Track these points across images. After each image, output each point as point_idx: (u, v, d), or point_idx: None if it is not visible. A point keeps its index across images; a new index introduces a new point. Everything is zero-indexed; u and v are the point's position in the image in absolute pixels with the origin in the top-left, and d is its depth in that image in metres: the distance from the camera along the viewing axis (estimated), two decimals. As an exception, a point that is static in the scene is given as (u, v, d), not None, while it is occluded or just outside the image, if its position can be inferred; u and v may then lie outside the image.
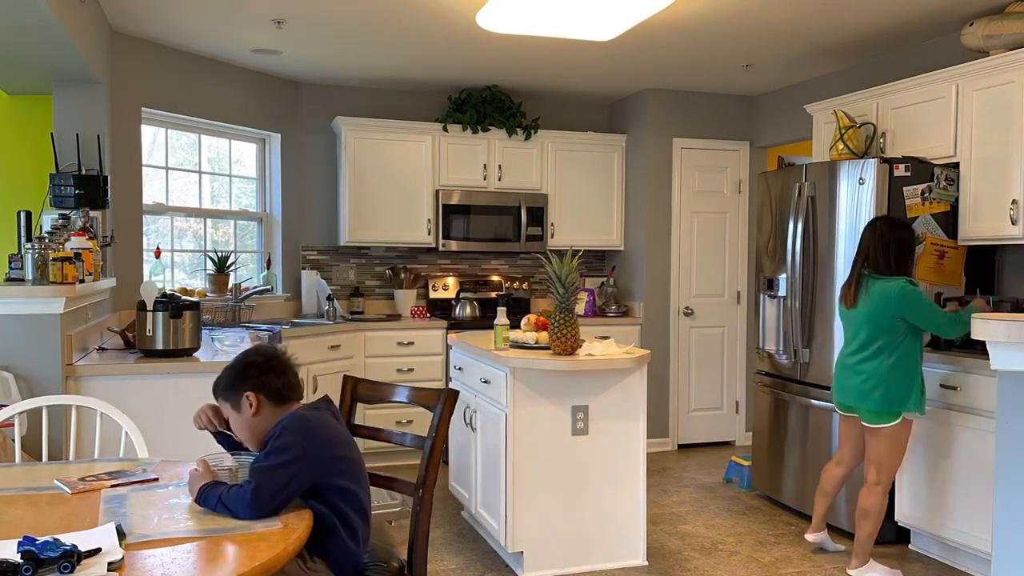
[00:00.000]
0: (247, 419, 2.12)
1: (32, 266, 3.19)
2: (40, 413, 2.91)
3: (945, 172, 4.03)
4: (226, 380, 2.16)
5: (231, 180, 5.69)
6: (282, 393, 2.16)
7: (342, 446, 2.11)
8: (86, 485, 2.08)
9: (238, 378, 2.14)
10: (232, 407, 2.15)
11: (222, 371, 2.19)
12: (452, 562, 3.81)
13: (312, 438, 2.01)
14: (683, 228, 6.03)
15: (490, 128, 5.87)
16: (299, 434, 1.99)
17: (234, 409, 2.14)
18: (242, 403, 2.12)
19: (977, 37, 3.93)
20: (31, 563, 1.47)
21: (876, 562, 3.64)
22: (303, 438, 1.99)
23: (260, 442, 2.11)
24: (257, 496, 1.85)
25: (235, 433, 2.18)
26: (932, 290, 4.05)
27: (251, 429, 2.13)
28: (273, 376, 2.15)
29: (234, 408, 2.14)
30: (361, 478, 2.16)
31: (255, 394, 2.12)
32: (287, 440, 1.97)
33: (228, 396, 2.15)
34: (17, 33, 3.40)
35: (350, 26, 4.46)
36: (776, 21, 4.31)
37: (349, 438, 2.18)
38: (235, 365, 2.18)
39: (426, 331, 5.52)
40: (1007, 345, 1.77)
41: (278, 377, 2.16)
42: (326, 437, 2.06)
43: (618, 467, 3.72)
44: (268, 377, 2.14)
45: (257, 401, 2.11)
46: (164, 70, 4.88)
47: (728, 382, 6.20)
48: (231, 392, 2.14)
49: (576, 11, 3.80)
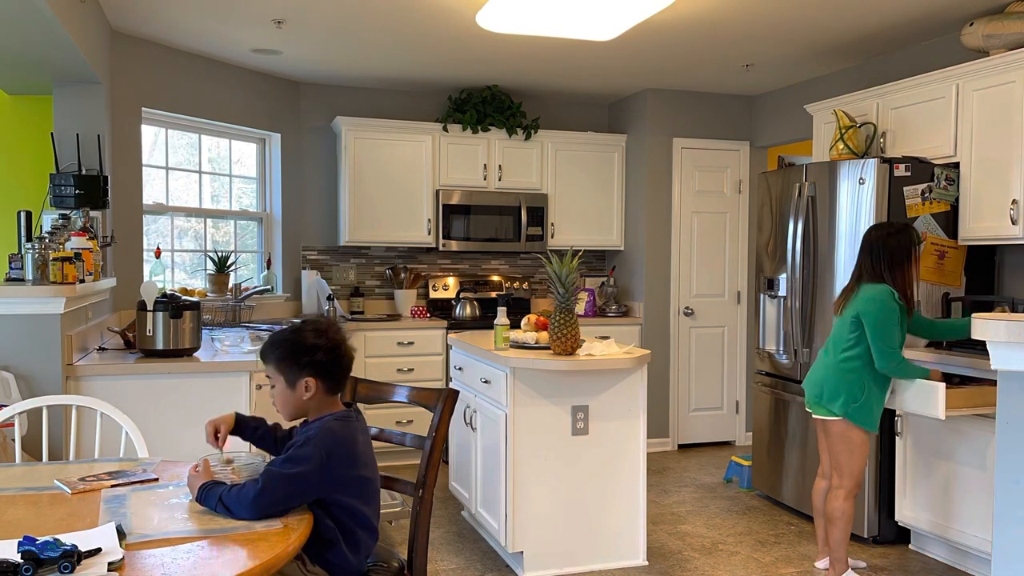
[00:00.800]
0: (298, 399, 2.07)
1: (32, 266, 3.19)
2: (40, 413, 2.91)
3: (945, 172, 4.04)
4: (288, 353, 2.06)
5: (231, 180, 5.70)
6: (338, 384, 2.11)
7: (361, 466, 2.06)
8: (86, 485, 2.08)
9: (303, 358, 2.05)
10: (286, 382, 2.07)
11: (277, 338, 2.10)
12: (452, 562, 3.81)
13: (335, 455, 1.97)
14: (683, 228, 6.03)
15: (490, 128, 5.87)
16: (322, 449, 1.95)
17: (287, 385, 2.07)
18: (299, 385, 2.06)
19: (977, 37, 3.93)
20: (31, 563, 1.47)
21: (853, 570, 3.57)
22: (324, 454, 1.95)
23: (293, 417, 2.09)
24: (260, 498, 1.84)
25: (275, 400, 2.11)
26: (934, 290, 4.05)
27: (295, 408, 2.09)
28: (339, 367, 2.09)
29: (288, 384, 2.06)
30: (373, 497, 2.12)
31: (316, 380, 2.05)
32: (309, 451, 1.94)
33: (285, 370, 2.07)
34: (17, 33, 3.40)
35: (350, 26, 4.46)
36: (776, 21, 4.31)
37: (370, 456, 2.13)
38: (300, 340, 2.07)
39: (426, 331, 5.52)
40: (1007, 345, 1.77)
41: (341, 369, 2.10)
42: (349, 454, 2.02)
43: (618, 467, 3.72)
44: (334, 367, 2.08)
45: (316, 387, 2.06)
46: (164, 70, 4.88)
47: (728, 382, 6.20)
48: (291, 368, 2.06)
49: (576, 11, 3.80)
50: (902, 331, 3.41)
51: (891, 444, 4.00)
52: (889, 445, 4.01)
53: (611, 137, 6.19)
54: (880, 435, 4.00)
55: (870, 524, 4.02)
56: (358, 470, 2.05)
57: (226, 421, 2.20)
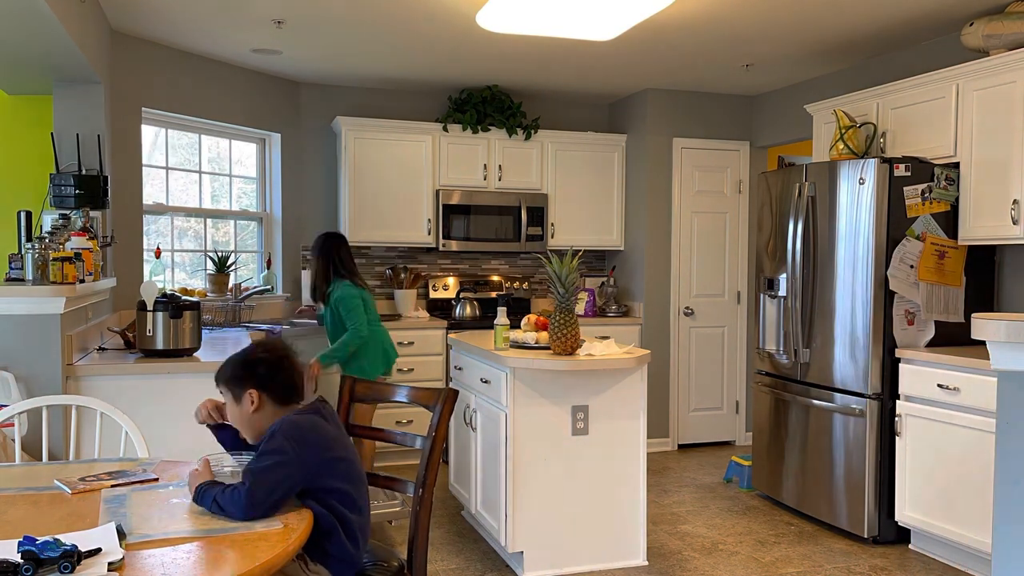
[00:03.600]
0: (246, 414, 2.13)
1: (32, 266, 3.19)
2: (40, 413, 2.91)
3: (945, 172, 4.03)
4: (231, 371, 2.15)
5: (231, 180, 5.69)
6: (285, 395, 2.16)
7: (336, 447, 2.10)
8: (86, 485, 2.08)
9: (244, 373, 2.13)
10: (233, 399, 2.15)
11: (228, 359, 2.18)
12: (452, 562, 3.81)
13: (302, 440, 2.01)
14: (683, 228, 6.03)
15: (490, 128, 5.87)
16: (289, 437, 1.99)
17: (235, 401, 2.15)
18: (243, 398, 2.12)
19: (977, 37, 3.93)
20: (31, 563, 1.47)
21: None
22: (293, 441, 1.99)
23: (256, 436, 2.13)
24: (250, 496, 1.86)
25: (233, 423, 2.19)
26: (934, 290, 4.05)
27: (249, 424, 2.14)
28: (280, 377, 2.15)
29: (235, 400, 2.14)
30: (357, 478, 2.16)
31: (258, 392, 2.12)
32: (277, 443, 1.98)
33: (231, 387, 2.15)
34: (17, 33, 3.40)
35: (350, 26, 4.46)
36: (776, 21, 4.31)
37: (343, 439, 2.18)
38: (243, 358, 2.16)
39: (426, 331, 5.52)
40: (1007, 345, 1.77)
41: (284, 379, 2.16)
42: (317, 439, 2.06)
43: (618, 467, 3.72)
44: (275, 377, 2.14)
45: (259, 400, 2.12)
46: (164, 70, 4.88)
47: (728, 382, 6.20)
48: (234, 385, 2.14)
49: (576, 11, 3.80)
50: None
51: (891, 444, 4.00)
52: (889, 445, 4.01)
53: (611, 137, 6.19)
54: (880, 435, 4.01)
55: (870, 524, 4.02)
56: (335, 452, 2.09)
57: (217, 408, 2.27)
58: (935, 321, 4.07)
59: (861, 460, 4.03)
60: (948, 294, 4.09)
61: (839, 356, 4.17)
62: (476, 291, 6.07)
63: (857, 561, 3.83)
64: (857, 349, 4.06)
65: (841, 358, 4.16)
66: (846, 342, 4.12)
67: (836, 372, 4.19)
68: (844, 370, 4.14)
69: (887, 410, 4.01)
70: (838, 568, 3.75)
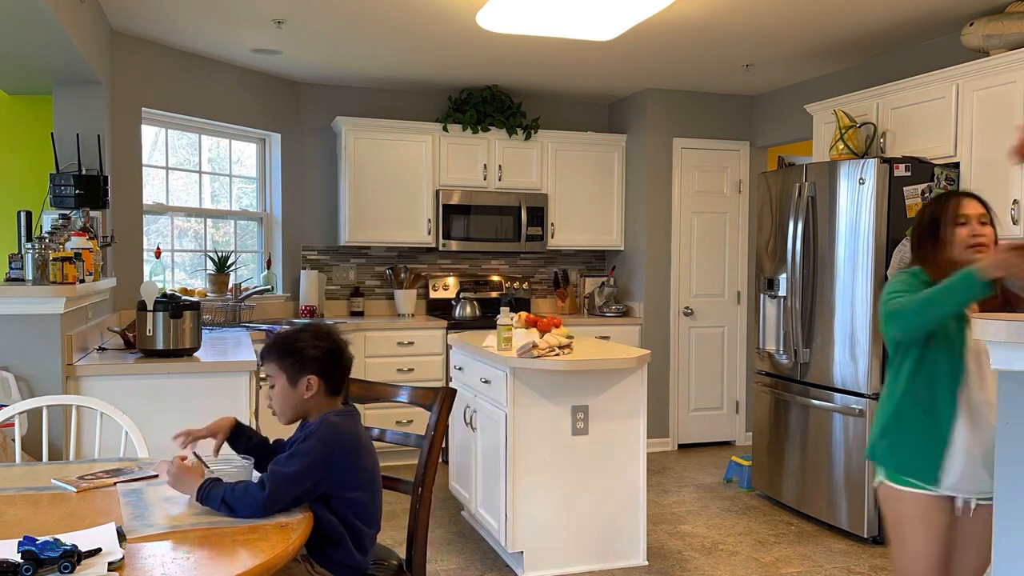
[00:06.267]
0: (299, 398, 2.08)
1: (32, 266, 3.18)
2: (40, 413, 2.91)
3: (945, 172, 4.03)
4: (291, 352, 2.08)
5: (231, 180, 5.69)
6: (338, 388, 2.13)
7: (364, 456, 2.08)
8: (87, 483, 2.08)
9: (307, 357, 2.07)
10: (288, 381, 2.08)
11: (284, 337, 2.12)
12: (452, 562, 3.81)
13: (338, 446, 1.99)
14: (683, 228, 6.03)
15: (490, 128, 5.86)
16: (325, 442, 1.97)
17: (289, 384, 2.08)
18: (301, 383, 2.07)
19: (977, 37, 3.93)
20: (31, 563, 1.47)
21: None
22: (328, 446, 1.97)
23: (292, 419, 2.10)
24: (271, 498, 1.84)
25: (274, 402, 2.12)
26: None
27: (295, 407, 2.10)
28: (340, 368, 2.12)
29: (289, 382, 2.08)
30: (375, 487, 2.14)
31: (318, 379, 2.08)
32: (311, 445, 1.96)
33: (287, 368, 2.08)
34: (17, 33, 3.40)
35: (350, 26, 4.46)
36: (776, 21, 4.31)
37: (371, 446, 2.16)
38: (304, 340, 2.10)
39: (426, 331, 5.51)
40: (1007, 345, 1.77)
41: (343, 371, 2.13)
42: (351, 447, 2.04)
43: (618, 467, 3.72)
44: (336, 368, 2.11)
45: (318, 386, 2.08)
46: (164, 70, 4.88)
47: (728, 382, 6.20)
48: (293, 366, 2.07)
49: (576, 11, 3.80)
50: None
51: (891, 444, 4.00)
52: (889, 445, 4.01)
53: (611, 137, 6.18)
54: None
55: (870, 524, 4.02)
56: (362, 462, 2.07)
57: (223, 429, 2.19)
58: (935, 321, 4.06)
59: (861, 460, 4.03)
60: (948, 294, 4.08)
61: (839, 356, 4.17)
62: (476, 291, 6.07)
63: (857, 561, 3.83)
64: (857, 349, 4.06)
65: (841, 358, 4.16)
66: (846, 342, 4.12)
67: (836, 372, 4.19)
68: (844, 370, 4.14)
69: (887, 410, 4.01)
70: (838, 568, 3.75)
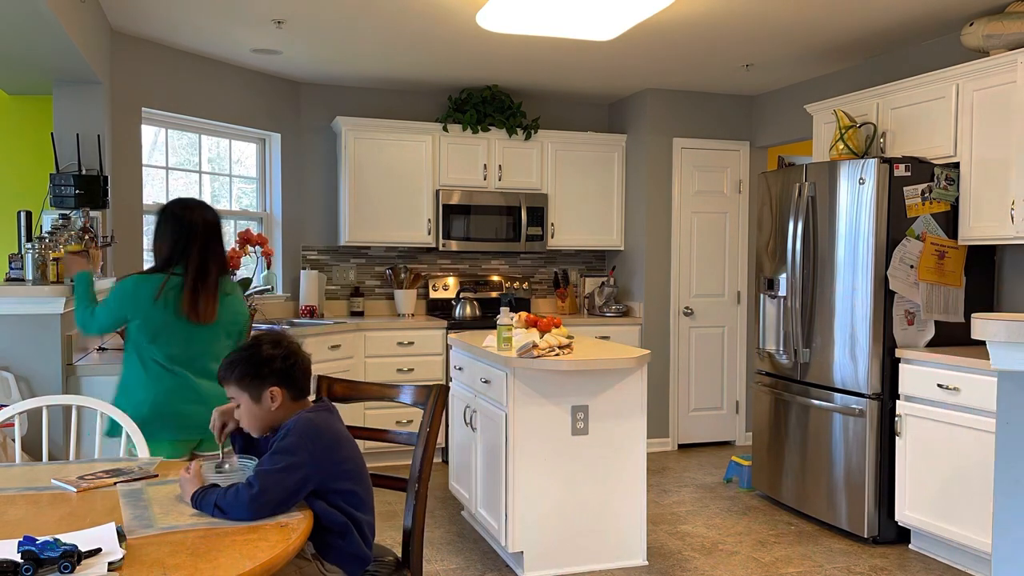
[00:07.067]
0: (265, 411, 2.08)
1: (32, 266, 3.19)
2: (40, 413, 2.91)
3: (945, 172, 4.03)
4: (247, 370, 2.08)
5: (231, 180, 5.69)
6: (303, 388, 2.13)
7: (346, 447, 2.10)
8: (87, 483, 2.08)
9: (262, 370, 2.08)
10: (251, 398, 2.08)
11: (236, 358, 2.11)
12: (452, 562, 3.81)
13: (319, 440, 2.00)
14: (683, 228, 6.03)
15: (490, 128, 5.86)
16: (305, 437, 1.98)
17: (253, 400, 2.08)
18: (264, 396, 2.07)
19: (977, 37, 3.93)
20: (31, 563, 1.47)
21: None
22: (309, 441, 1.97)
23: (264, 431, 2.11)
24: (259, 498, 1.84)
25: (242, 421, 2.12)
26: (935, 290, 4.05)
27: (264, 421, 2.10)
28: (297, 371, 2.12)
29: (253, 399, 2.08)
30: (363, 477, 2.16)
31: (281, 389, 2.08)
32: (292, 441, 1.96)
33: (247, 387, 2.08)
34: (17, 33, 3.41)
35: (350, 26, 4.46)
36: (776, 21, 4.31)
37: (350, 438, 2.17)
38: (257, 355, 2.10)
39: (426, 331, 5.51)
40: (1007, 345, 1.77)
41: (301, 372, 2.13)
42: (331, 440, 2.05)
43: (618, 467, 3.72)
44: (293, 371, 2.11)
45: (282, 396, 2.08)
46: (164, 70, 4.88)
47: (728, 382, 6.20)
48: (252, 384, 2.08)
49: (576, 11, 3.80)
50: None
51: (891, 444, 4.00)
52: (889, 445, 4.01)
53: (611, 137, 6.18)
54: (880, 435, 4.01)
55: (870, 524, 4.02)
56: (345, 452, 2.08)
57: (233, 416, 2.18)
58: (935, 321, 4.07)
59: (861, 460, 4.03)
60: (948, 294, 4.09)
61: (839, 356, 4.17)
62: (476, 291, 6.07)
63: (857, 561, 3.83)
64: (857, 349, 4.06)
65: (841, 358, 4.16)
66: (846, 342, 4.12)
67: (836, 372, 4.19)
68: (844, 370, 4.14)
69: (887, 410, 4.01)
70: (838, 568, 3.75)
